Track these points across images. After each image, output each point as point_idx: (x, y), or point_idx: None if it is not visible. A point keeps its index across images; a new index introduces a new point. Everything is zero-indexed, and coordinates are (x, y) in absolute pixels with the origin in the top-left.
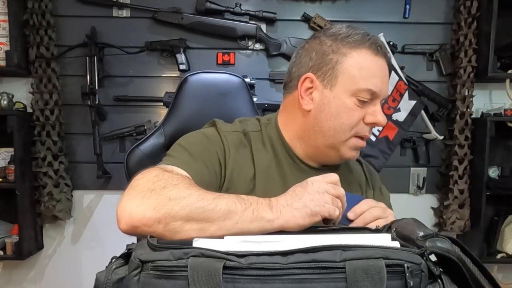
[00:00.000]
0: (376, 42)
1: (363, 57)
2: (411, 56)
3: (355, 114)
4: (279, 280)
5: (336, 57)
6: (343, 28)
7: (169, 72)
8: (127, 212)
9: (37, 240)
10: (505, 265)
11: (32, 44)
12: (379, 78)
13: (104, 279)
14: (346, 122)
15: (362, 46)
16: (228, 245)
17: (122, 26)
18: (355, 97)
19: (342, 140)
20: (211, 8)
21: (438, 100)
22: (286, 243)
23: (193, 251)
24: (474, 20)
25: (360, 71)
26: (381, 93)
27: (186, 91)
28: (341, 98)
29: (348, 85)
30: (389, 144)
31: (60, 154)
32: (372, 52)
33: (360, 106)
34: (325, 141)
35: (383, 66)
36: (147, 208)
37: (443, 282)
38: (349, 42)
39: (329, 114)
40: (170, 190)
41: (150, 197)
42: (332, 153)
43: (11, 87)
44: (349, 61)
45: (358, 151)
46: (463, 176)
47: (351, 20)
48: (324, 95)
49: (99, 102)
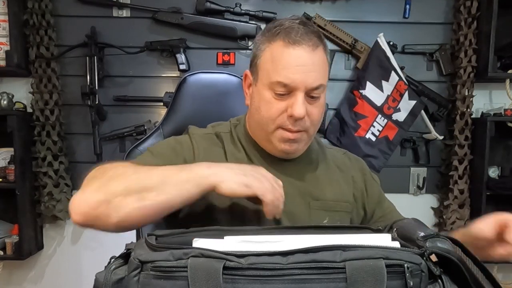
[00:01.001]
0: (291, 32)
1: (275, 49)
2: (411, 56)
3: (273, 106)
4: (279, 280)
5: (257, 52)
6: (276, 21)
7: (169, 72)
8: (75, 202)
9: (37, 240)
10: (505, 265)
11: (32, 44)
12: (292, 69)
13: (103, 279)
14: (266, 115)
15: (276, 38)
16: (228, 245)
17: (122, 26)
18: (271, 90)
19: (269, 132)
20: (211, 8)
21: (438, 100)
22: (286, 243)
23: (193, 252)
24: (474, 20)
25: (272, 63)
26: (297, 85)
27: (185, 91)
28: (261, 92)
29: (264, 79)
30: (389, 144)
31: (60, 154)
32: (284, 44)
33: (279, 98)
34: (260, 134)
35: (299, 56)
36: (89, 192)
37: (443, 282)
38: (267, 35)
39: (255, 108)
40: (108, 172)
41: (92, 183)
42: (269, 146)
43: (11, 87)
44: (265, 54)
45: (292, 143)
46: (463, 176)
47: (351, 20)
48: (254, 90)
49: (99, 102)
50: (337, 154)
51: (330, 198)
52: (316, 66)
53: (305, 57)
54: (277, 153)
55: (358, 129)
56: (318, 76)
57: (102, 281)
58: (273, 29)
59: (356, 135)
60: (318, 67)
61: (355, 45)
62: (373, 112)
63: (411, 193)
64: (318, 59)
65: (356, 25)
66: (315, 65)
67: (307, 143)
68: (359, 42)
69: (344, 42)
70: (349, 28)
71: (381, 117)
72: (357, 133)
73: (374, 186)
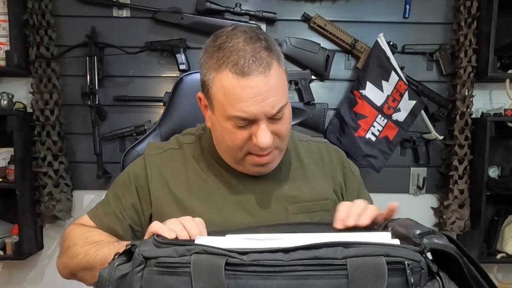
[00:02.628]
0: (238, 61)
1: (224, 81)
2: (411, 56)
3: (237, 137)
4: (280, 276)
5: (206, 79)
6: (218, 38)
7: (169, 72)
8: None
9: (37, 240)
10: (505, 265)
11: (32, 44)
12: (248, 102)
13: (107, 275)
14: (232, 144)
15: (223, 67)
16: (230, 242)
17: (122, 26)
18: (231, 121)
19: (239, 159)
20: (211, 8)
21: (438, 100)
22: (287, 241)
23: (196, 248)
24: (474, 20)
25: (225, 97)
26: (256, 116)
27: (182, 91)
28: (220, 122)
29: (220, 111)
30: (389, 144)
31: (60, 154)
32: (232, 75)
33: (241, 128)
34: (229, 158)
35: (252, 86)
36: (61, 267)
37: (442, 279)
38: (213, 61)
39: (217, 136)
40: (71, 249)
41: (62, 256)
42: (241, 167)
43: (11, 87)
44: (216, 85)
45: (265, 165)
46: (463, 176)
47: (351, 20)
48: (212, 116)
49: (99, 102)
50: (314, 147)
51: (308, 199)
52: (272, 91)
53: (259, 86)
54: (250, 173)
55: (358, 129)
56: (276, 99)
57: (106, 276)
58: (216, 53)
59: (356, 135)
60: (275, 90)
61: (355, 45)
62: (373, 112)
63: (411, 193)
64: (273, 81)
65: (356, 25)
66: (272, 89)
67: (280, 157)
68: (359, 42)
69: (344, 42)
70: (349, 28)
71: (381, 117)
72: (357, 133)
73: (353, 180)
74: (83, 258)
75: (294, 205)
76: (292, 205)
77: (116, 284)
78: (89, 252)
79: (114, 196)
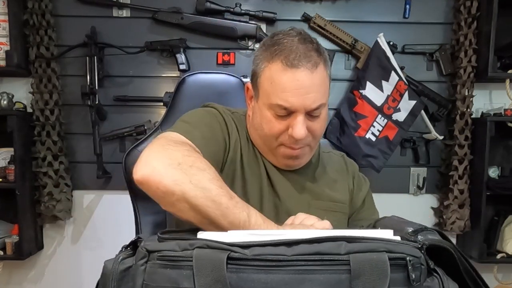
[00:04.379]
0: (290, 54)
1: (274, 71)
2: (411, 56)
3: (275, 126)
4: (283, 271)
5: (257, 70)
6: (275, 35)
7: (169, 72)
8: (150, 167)
9: (37, 240)
10: (505, 265)
11: (32, 44)
12: (291, 93)
13: (111, 267)
14: (268, 133)
15: (276, 58)
16: (233, 237)
17: (122, 26)
18: (272, 110)
19: (272, 148)
20: (211, 8)
21: (438, 100)
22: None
23: (198, 243)
24: (474, 20)
25: (271, 85)
26: (296, 108)
27: (184, 92)
28: (262, 110)
29: (264, 99)
30: (389, 144)
31: (60, 154)
32: (282, 66)
33: (279, 118)
34: (263, 147)
35: (298, 79)
36: (168, 177)
37: (439, 275)
38: (266, 54)
39: (257, 123)
40: (194, 173)
41: (175, 169)
42: (272, 158)
43: (11, 87)
44: (265, 74)
45: (295, 159)
46: (463, 176)
47: (351, 20)
48: (255, 105)
49: (99, 102)
50: (334, 158)
51: (329, 199)
52: (315, 87)
53: (304, 80)
54: (279, 166)
55: (358, 129)
56: (318, 96)
57: (110, 268)
58: (272, 47)
59: (356, 135)
60: (318, 87)
61: (355, 45)
62: (373, 112)
63: (411, 193)
64: (318, 79)
65: (356, 25)
66: (315, 86)
67: (310, 156)
68: (359, 42)
69: (344, 42)
70: (349, 28)
71: (381, 117)
72: (357, 133)
73: (362, 189)
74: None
75: (317, 201)
76: (315, 201)
77: (119, 276)
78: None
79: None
